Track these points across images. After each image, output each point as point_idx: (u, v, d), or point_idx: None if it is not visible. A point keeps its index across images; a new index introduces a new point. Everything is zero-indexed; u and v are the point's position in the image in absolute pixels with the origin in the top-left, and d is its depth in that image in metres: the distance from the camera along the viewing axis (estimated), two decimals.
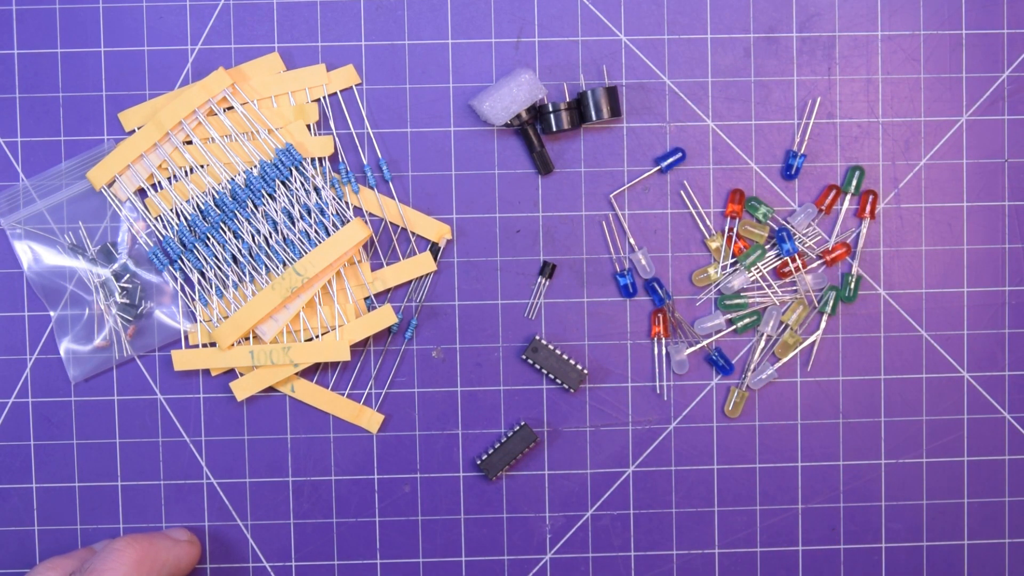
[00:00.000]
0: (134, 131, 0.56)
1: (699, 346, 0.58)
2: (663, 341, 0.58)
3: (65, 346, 0.56)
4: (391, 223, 0.57)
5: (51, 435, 0.57)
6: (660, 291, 0.57)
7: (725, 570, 0.58)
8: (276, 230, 0.55)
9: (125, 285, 0.56)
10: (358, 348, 0.57)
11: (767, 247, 0.57)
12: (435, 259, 0.57)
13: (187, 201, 0.56)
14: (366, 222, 0.56)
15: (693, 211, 0.58)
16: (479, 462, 0.57)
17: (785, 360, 0.58)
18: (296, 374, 0.57)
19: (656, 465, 0.58)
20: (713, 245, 0.57)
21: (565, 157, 0.57)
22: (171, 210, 0.56)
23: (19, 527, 0.57)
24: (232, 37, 0.57)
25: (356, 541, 0.58)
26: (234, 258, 0.56)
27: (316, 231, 0.55)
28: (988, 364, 0.58)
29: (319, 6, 0.57)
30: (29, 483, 0.57)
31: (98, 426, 0.57)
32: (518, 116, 0.55)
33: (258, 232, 0.55)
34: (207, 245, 0.56)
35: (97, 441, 0.57)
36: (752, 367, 0.58)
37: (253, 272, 0.56)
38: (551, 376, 0.57)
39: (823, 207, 0.57)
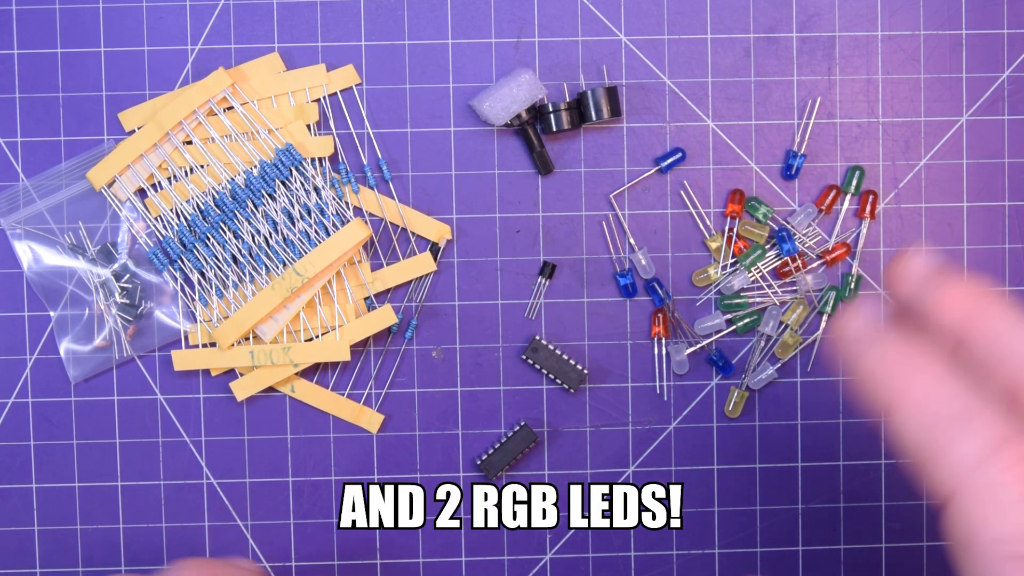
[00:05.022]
0: (134, 131, 0.56)
1: (699, 346, 0.58)
2: (663, 341, 0.58)
3: (65, 346, 0.56)
4: (391, 223, 0.57)
5: (51, 435, 0.57)
6: (660, 291, 0.57)
7: (725, 570, 0.58)
8: (276, 230, 0.55)
9: (125, 285, 0.56)
10: (358, 348, 0.57)
11: (767, 247, 0.57)
12: (435, 259, 0.57)
13: (187, 201, 0.56)
14: (366, 222, 0.56)
15: (693, 211, 0.58)
16: (479, 462, 0.57)
17: (785, 360, 0.58)
18: (296, 374, 0.57)
19: (656, 465, 0.58)
20: (713, 245, 0.57)
21: (565, 157, 0.57)
22: (171, 210, 0.56)
23: (19, 527, 0.57)
24: (232, 37, 0.57)
25: (356, 541, 0.58)
26: (234, 258, 0.56)
27: (316, 231, 0.55)
28: None
29: (319, 6, 0.57)
30: (29, 483, 0.57)
31: (98, 426, 0.57)
32: (518, 116, 0.55)
33: (258, 232, 0.55)
34: (207, 245, 0.56)
35: (97, 441, 0.57)
36: (752, 367, 0.58)
37: (253, 272, 0.56)
38: (551, 376, 0.57)
39: (823, 207, 0.57)
